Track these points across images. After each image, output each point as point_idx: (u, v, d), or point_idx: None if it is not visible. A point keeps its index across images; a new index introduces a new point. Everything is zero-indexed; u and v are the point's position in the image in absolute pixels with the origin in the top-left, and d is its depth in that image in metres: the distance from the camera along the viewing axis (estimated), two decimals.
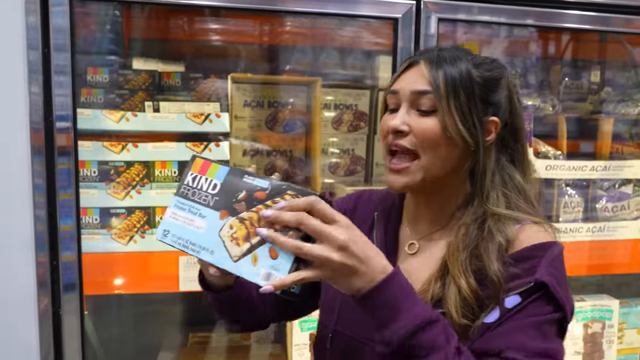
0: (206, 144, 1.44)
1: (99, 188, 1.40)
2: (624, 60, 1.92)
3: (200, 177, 0.76)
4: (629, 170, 1.67)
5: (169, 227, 0.77)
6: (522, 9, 1.35)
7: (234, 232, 0.72)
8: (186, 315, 1.87)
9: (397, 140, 0.82)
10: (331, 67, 1.86)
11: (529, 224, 0.83)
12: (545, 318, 0.76)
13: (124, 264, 1.41)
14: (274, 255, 0.69)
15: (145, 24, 1.77)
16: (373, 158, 1.84)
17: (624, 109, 1.79)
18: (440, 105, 0.79)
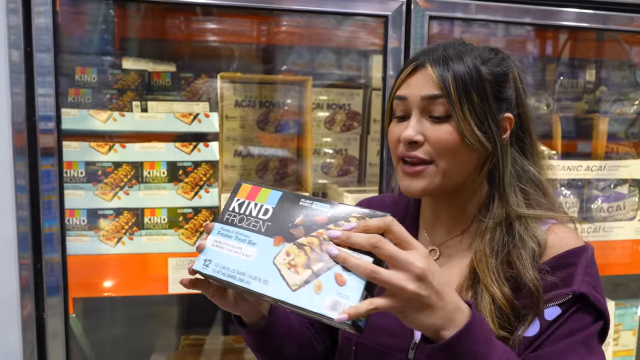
0: (195, 144, 1.42)
1: (86, 189, 1.38)
2: (620, 59, 1.90)
3: (249, 202, 0.71)
4: (624, 170, 1.66)
5: (211, 257, 0.69)
6: (518, 7, 1.33)
7: (291, 259, 0.64)
8: (178, 317, 1.86)
9: (412, 151, 0.78)
10: (324, 67, 1.85)
11: (556, 224, 0.81)
12: (590, 332, 0.74)
13: (112, 266, 1.40)
14: (341, 281, 0.61)
15: (137, 24, 1.75)
16: (366, 158, 1.82)
17: (619, 108, 1.77)
18: (454, 110, 0.76)
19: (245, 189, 0.73)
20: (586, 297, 0.73)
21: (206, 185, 1.44)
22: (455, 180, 0.79)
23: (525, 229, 0.78)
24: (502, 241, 0.78)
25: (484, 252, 0.78)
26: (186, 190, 1.43)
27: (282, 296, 0.63)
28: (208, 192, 1.44)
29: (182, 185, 1.43)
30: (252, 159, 1.74)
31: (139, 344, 1.81)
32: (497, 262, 0.77)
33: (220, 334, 1.87)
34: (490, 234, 0.79)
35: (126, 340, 1.79)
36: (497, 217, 0.80)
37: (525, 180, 0.82)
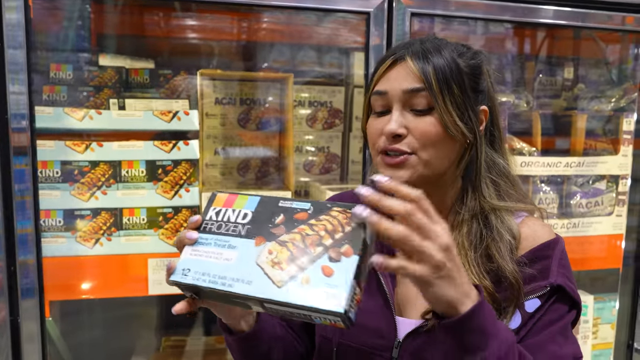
0: (175, 143, 1.39)
1: (62, 189, 1.34)
2: (597, 57, 1.92)
3: (226, 209, 0.70)
4: (602, 167, 1.68)
5: (189, 265, 0.67)
6: (498, 4, 1.34)
7: (274, 257, 0.63)
8: (158, 318, 1.83)
9: (394, 144, 0.78)
10: (305, 65, 1.83)
11: (528, 217, 0.83)
12: (566, 321, 0.77)
13: (90, 267, 1.36)
14: (328, 272, 0.61)
15: (115, 19, 1.71)
16: (348, 156, 1.82)
17: (597, 106, 1.79)
18: (437, 102, 0.76)
19: (220, 198, 0.72)
20: (563, 288, 0.77)
21: (186, 184, 1.42)
22: (436, 170, 0.80)
23: (501, 222, 0.80)
24: (480, 234, 0.79)
25: (462, 245, 0.79)
26: (166, 189, 1.40)
27: (268, 294, 0.61)
28: (188, 191, 1.42)
29: (162, 184, 1.40)
30: (233, 157, 1.71)
31: (118, 346, 1.78)
32: (477, 255, 0.78)
33: (202, 334, 1.85)
34: (467, 227, 0.80)
35: (105, 342, 1.75)
36: (471, 209, 0.81)
37: (496, 172, 0.84)
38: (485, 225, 0.80)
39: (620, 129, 1.69)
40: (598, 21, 1.45)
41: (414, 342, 0.80)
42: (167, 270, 0.71)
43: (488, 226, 0.80)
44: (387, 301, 0.83)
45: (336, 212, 0.64)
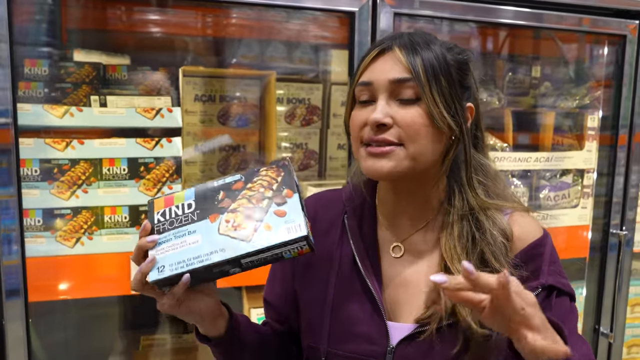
0: (158, 140, 1.38)
1: (41, 188, 1.31)
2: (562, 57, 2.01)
3: (169, 208, 0.75)
4: (569, 161, 1.77)
5: (162, 262, 0.71)
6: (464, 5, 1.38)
7: (233, 223, 0.72)
8: (136, 317, 1.81)
9: (380, 134, 0.75)
10: (282, 61, 1.84)
11: (515, 213, 0.82)
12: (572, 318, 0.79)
13: (70, 267, 1.34)
14: (282, 214, 0.72)
15: (84, 14, 1.67)
16: (326, 152, 1.84)
17: (563, 103, 1.88)
18: (424, 93, 0.74)
19: (159, 202, 0.77)
20: (555, 287, 0.78)
21: (169, 181, 1.41)
22: (422, 165, 0.77)
23: (492, 223, 0.78)
24: (472, 237, 0.78)
25: (455, 250, 0.77)
26: (148, 187, 1.39)
27: (243, 250, 0.70)
28: (171, 188, 1.41)
29: (144, 182, 1.39)
30: (213, 154, 1.71)
31: (95, 346, 1.75)
32: (470, 260, 0.75)
33: (182, 332, 1.84)
34: (458, 228, 0.78)
35: (82, 342, 1.72)
36: (460, 208, 0.79)
37: (483, 173, 0.83)
38: (478, 228, 0.78)
39: (585, 126, 1.78)
40: (554, 22, 1.51)
41: (409, 348, 0.77)
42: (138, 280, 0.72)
43: (480, 229, 0.78)
44: (375, 305, 0.80)
45: (265, 172, 0.75)
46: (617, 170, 1.60)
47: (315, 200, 0.94)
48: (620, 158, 1.60)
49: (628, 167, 1.61)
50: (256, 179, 0.75)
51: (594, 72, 1.86)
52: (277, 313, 0.95)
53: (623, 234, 1.62)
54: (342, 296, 0.82)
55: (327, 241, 0.87)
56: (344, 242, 0.85)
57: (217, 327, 0.81)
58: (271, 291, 0.95)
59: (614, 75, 1.63)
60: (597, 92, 1.81)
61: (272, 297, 0.95)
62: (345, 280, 0.83)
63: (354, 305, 0.81)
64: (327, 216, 0.89)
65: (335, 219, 0.88)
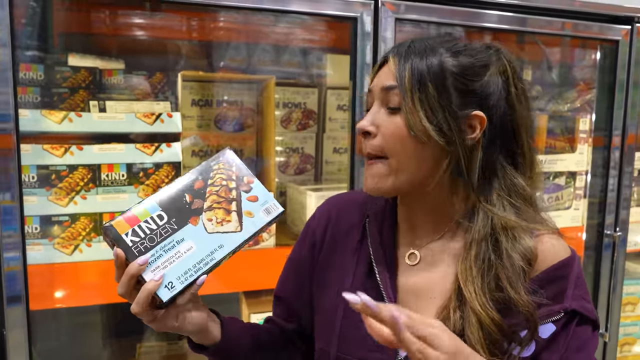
0: (157, 145, 1.37)
1: (39, 194, 1.29)
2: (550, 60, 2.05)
3: (139, 225, 0.73)
4: (561, 164, 1.80)
5: (168, 279, 0.71)
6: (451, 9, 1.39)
7: (216, 220, 0.76)
8: (131, 325, 1.78)
9: (364, 145, 0.76)
10: (277, 65, 1.84)
11: (543, 234, 0.77)
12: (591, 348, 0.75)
13: (68, 275, 1.32)
14: (254, 199, 0.79)
15: (73, 17, 1.65)
16: (322, 156, 1.84)
17: (554, 107, 1.92)
18: (404, 101, 0.72)
19: (120, 225, 0.73)
20: (578, 313, 0.74)
21: None
22: (412, 178, 0.75)
23: (512, 244, 0.73)
24: (489, 260, 0.74)
25: (470, 271, 0.74)
26: (148, 193, 1.38)
27: (239, 240, 0.76)
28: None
29: (144, 187, 1.37)
30: None
31: (89, 354, 1.73)
32: (485, 284, 0.73)
33: (177, 339, 1.82)
34: (476, 249, 0.75)
35: (76, 350, 1.69)
36: (482, 227, 0.75)
37: (515, 195, 0.76)
38: (495, 250, 0.74)
39: (576, 128, 1.81)
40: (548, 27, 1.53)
41: None
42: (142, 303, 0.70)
43: (497, 251, 0.74)
44: None
45: (216, 165, 0.79)
46: (611, 172, 1.63)
47: (337, 201, 0.94)
48: (614, 160, 1.63)
49: (621, 169, 1.64)
50: (212, 174, 0.78)
51: (585, 75, 1.90)
52: (287, 310, 0.94)
53: (617, 234, 1.65)
54: None
55: (346, 243, 0.87)
56: (363, 246, 0.85)
57: (212, 334, 0.81)
58: (284, 288, 0.95)
59: (605, 79, 1.67)
60: (588, 95, 1.85)
61: (285, 294, 0.95)
62: (360, 284, 0.83)
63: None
64: (348, 218, 0.89)
65: (357, 222, 0.88)
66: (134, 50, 1.69)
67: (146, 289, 0.70)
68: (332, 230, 0.89)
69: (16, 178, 1.07)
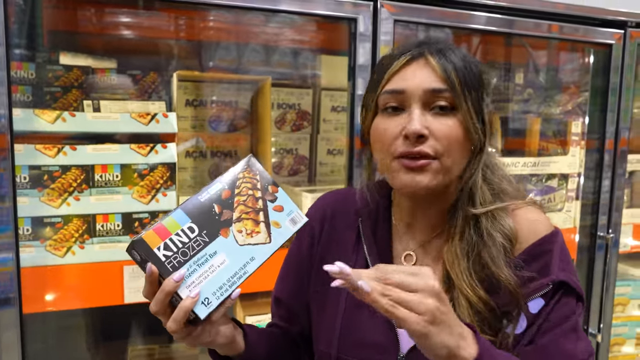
0: (152, 146, 1.35)
1: (30, 195, 1.27)
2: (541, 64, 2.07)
3: (170, 239, 0.70)
4: (554, 166, 1.81)
5: (203, 295, 0.70)
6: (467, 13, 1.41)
7: (246, 232, 0.75)
8: (123, 327, 1.76)
9: (419, 146, 0.72)
10: (272, 66, 1.83)
11: (520, 208, 0.79)
12: (576, 316, 0.75)
13: (60, 277, 1.29)
14: (280, 209, 0.78)
15: (64, 15, 1.62)
16: (316, 158, 1.84)
17: (546, 109, 1.93)
18: (460, 104, 0.73)
19: (151, 238, 0.69)
20: (566, 283, 0.75)
21: (163, 188, 1.38)
22: (452, 178, 0.77)
23: (492, 224, 0.76)
24: (472, 241, 0.76)
25: (455, 254, 0.76)
26: (142, 194, 1.36)
27: (269, 252, 0.76)
28: (166, 195, 1.38)
29: (138, 189, 1.35)
30: (204, 160, 1.68)
31: (82, 356, 1.70)
32: (469, 265, 0.75)
33: (167, 342, 1.80)
34: (460, 233, 0.77)
35: (64, 353, 1.67)
36: (464, 213, 0.78)
37: (491, 171, 0.81)
38: (476, 230, 0.77)
39: (569, 131, 1.83)
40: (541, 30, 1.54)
41: (420, 355, 0.75)
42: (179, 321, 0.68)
43: (478, 231, 0.76)
44: None
45: (241, 174, 0.78)
46: (604, 174, 1.65)
47: (333, 198, 0.93)
48: (606, 162, 1.65)
49: (614, 171, 1.66)
50: (239, 183, 0.77)
51: (577, 79, 1.92)
52: (288, 311, 0.93)
53: (610, 236, 1.67)
54: (354, 303, 0.82)
55: (342, 243, 0.86)
56: (359, 247, 0.85)
57: (237, 345, 0.81)
58: (283, 289, 0.94)
59: (598, 82, 1.69)
60: (580, 98, 1.86)
61: (284, 295, 0.94)
62: None
63: (365, 313, 0.81)
64: (345, 215, 0.89)
65: (352, 221, 0.87)
66: (125, 50, 1.67)
67: (184, 306, 0.68)
68: (328, 227, 0.89)
69: (10, 178, 1.04)
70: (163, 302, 0.68)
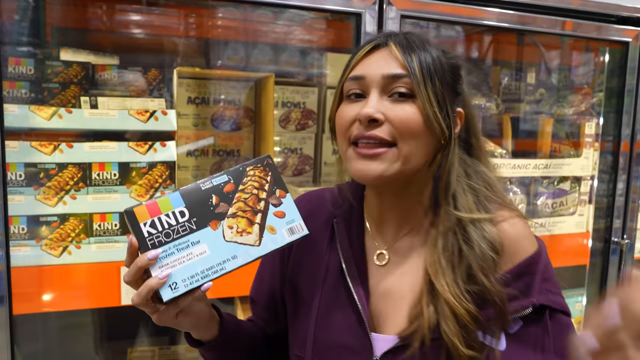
0: (151, 144, 1.32)
1: (26, 193, 1.24)
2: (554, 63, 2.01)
3: (159, 218, 0.70)
4: (567, 168, 1.75)
5: (173, 279, 0.68)
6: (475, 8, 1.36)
7: (237, 228, 0.72)
8: (123, 328, 1.73)
9: (371, 130, 0.71)
10: (276, 64, 1.80)
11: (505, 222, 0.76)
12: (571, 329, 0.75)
13: (56, 277, 1.26)
14: (280, 215, 0.74)
15: (68, 12, 1.60)
16: (321, 157, 1.80)
17: (559, 110, 1.87)
18: (419, 90, 0.72)
19: (141, 212, 0.70)
20: (546, 306, 0.74)
21: (162, 187, 1.35)
22: (412, 168, 0.74)
23: (481, 235, 0.73)
24: (459, 250, 0.73)
25: (439, 263, 0.73)
26: (140, 193, 1.33)
27: (255, 255, 0.72)
28: (164, 194, 1.34)
29: (136, 187, 1.32)
30: (207, 158, 1.65)
31: (80, 357, 1.67)
32: (457, 275, 0.72)
33: (168, 343, 1.77)
34: (443, 241, 0.75)
35: (66, 353, 1.64)
36: (445, 219, 0.75)
37: (476, 180, 0.78)
38: (465, 240, 0.74)
39: (582, 132, 1.77)
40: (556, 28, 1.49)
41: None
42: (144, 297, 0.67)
43: (468, 241, 0.73)
44: (359, 316, 0.77)
45: (252, 171, 0.74)
46: (619, 177, 1.59)
47: (308, 199, 0.90)
48: (621, 165, 1.59)
49: (630, 174, 1.60)
50: (246, 179, 0.74)
51: (591, 78, 1.86)
52: (265, 311, 0.92)
53: (625, 242, 1.61)
54: (327, 305, 0.80)
55: (317, 243, 0.84)
56: (332, 248, 0.83)
57: (210, 330, 0.80)
58: (258, 290, 0.93)
59: (613, 82, 1.63)
60: (594, 99, 1.81)
61: (259, 297, 0.93)
62: (331, 288, 0.81)
63: (339, 315, 0.79)
64: (318, 217, 0.85)
65: (326, 221, 0.85)
66: (129, 47, 1.65)
67: (148, 284, 0.67)
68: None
69: (0, 176, 1.02)
70: (134, 275, 0.69)
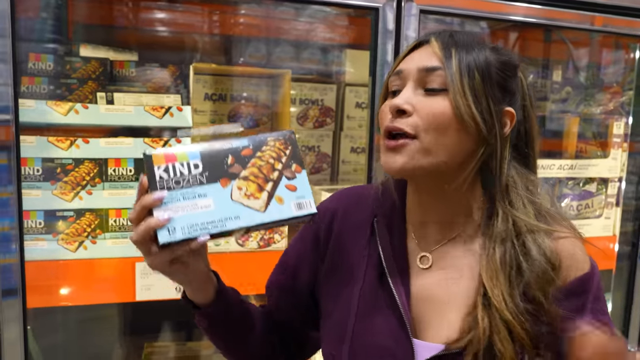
0: (167, 140, 1.32)
1: (43, 188, 1.25)
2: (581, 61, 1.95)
3: (173, 164, 0.71)
4: (593, 169, 1.69)
5: (173, 223, 0.69)
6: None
7: (245, 191, 0.72)
8: (139, 323, 1.74)
9: (396, 122, 0.71)
10: (294, 61, 1.78)
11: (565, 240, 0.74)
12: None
13: (72, 272, 1.28)
14: (292, 188, 0.73)
15: (91, 9, 1.62)
16: (339, 155, 1.78)
17: (586, 109, 1.81)
18: (452, 83, 0.70)
19: (158, 157, 0.72)
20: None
21: None
22: (440, 164, 0.71)
23: (539, 249, 0.71)
24: (517, 265, 0.71)
25: (496, 275, 0.71)
26: None
27: (257, 220, 0.71)
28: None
29: None
30: None
31: (96, 352, 1.69)
32: (515, 290, 0.70)
33: (184, 339, 1.77)
34: (500, 253, 0.72)
35: (82, 347, 1.66)
36: (503, 230, 0.73)
37: (537, 194, 0.75)
38: (525, 254, 0.71)
39: (610, 132, 1.70)
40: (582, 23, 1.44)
41: None
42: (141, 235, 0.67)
43: (528, 256, 0.71)
44: (401, 320, 0.75)
45: (273, 142, 0.75)
46: None
47: (346, 195, 0.89)
48: None
49: None
50: (265, 148, 0.74)
51: (619, 76, 1.79)
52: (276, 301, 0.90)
53: None
54: (367, 306, 0.78)
55: (354, 240, 0.82)
56: (372, 246, 0.80)
57: (205, 293, 0.78)
58: (278, 280, 0.90)
59: None
60: (623, 97, 1.74)
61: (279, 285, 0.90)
62: (371, 289, 0.78)
63: (379, 318, 0.76)
64: (357, 213, 0.84)
65: (366, 218, 0.83)
66: (150, 43, 1.65)
67: (148, 222, 0.67)
68: (339, 226, 0.84)
69: (15, 170, 1.02)
70: (138, 214, 0.69)
